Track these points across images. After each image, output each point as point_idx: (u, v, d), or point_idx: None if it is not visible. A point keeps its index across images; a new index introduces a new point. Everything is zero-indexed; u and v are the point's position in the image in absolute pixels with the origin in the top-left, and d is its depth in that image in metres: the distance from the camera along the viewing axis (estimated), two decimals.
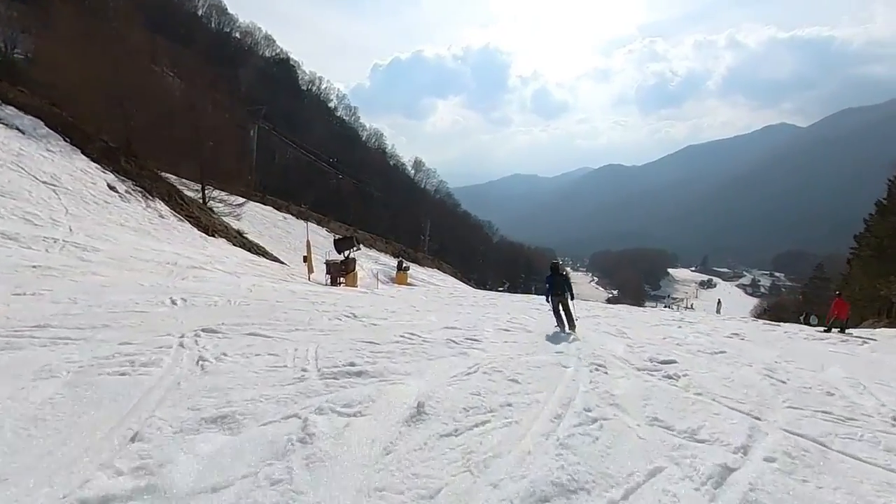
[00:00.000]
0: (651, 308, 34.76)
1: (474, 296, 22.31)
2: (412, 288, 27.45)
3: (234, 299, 9.85)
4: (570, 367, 6.34)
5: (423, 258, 43.68)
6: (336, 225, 37.16)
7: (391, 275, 30.10)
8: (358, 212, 65.28)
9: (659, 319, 15.02)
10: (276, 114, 77.03)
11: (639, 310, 22.30)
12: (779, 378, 6.78)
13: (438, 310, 12.89)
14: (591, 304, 22.46)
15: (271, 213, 31.85)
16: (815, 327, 23.50)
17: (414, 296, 19.96)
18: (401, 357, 6.08)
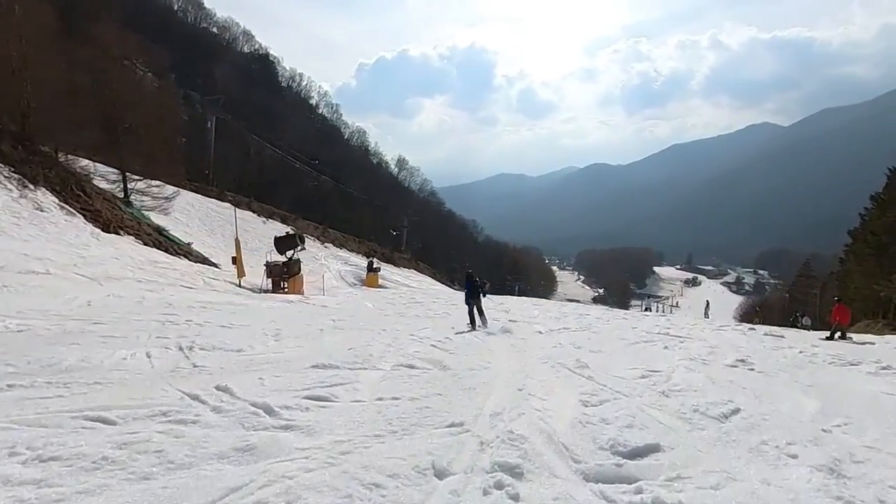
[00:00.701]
0: (636, 309, 33.18)
1: (437, 300, 20.67)
2: (380, 290, 25.66)
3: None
4: (449, 486, 3.28)
5: (398, 258, 41.88)
6: (305, 224, 35.10)
7: (362, 276, 28.36)
8: (338, 211, 63.40)
9: (640, 332, 12.94)
10: (254, 110, 74.95)
11: (620, 314, 20.94)
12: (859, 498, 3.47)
13: (358, 326, 10.86)
14: (568, 309, 20.78)
15: (228, 209, 29.20)
16: (809, 330, 22.51)
17: (360, 302, 18.38)
18: None
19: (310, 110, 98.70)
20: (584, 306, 28.27)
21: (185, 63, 74.38)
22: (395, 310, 16.26)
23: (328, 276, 25.17)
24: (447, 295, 24.63)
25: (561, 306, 23.10)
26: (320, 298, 19.09)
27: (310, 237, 30.46)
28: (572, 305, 24.30)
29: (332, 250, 31.55)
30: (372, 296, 21.83)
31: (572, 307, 23.06)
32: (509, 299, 25.96)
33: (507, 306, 19.62)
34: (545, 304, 24.12)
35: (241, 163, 52.71)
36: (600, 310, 25.45)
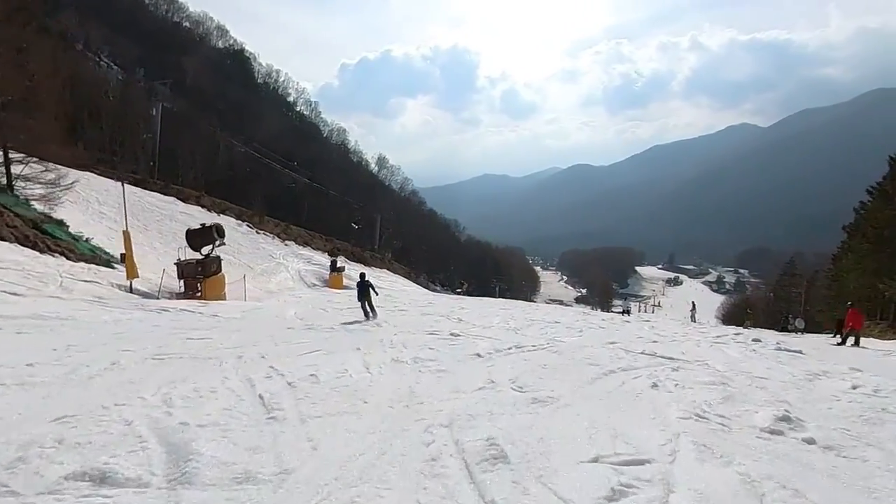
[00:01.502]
0: (619, 309, 31.73)
1: (396, 301, 19.00)
2: (341, 292, 23.48)
3: None
4: None
5: (371, 258, 39.90)
6: (266, 221, 32.68)
7: (326, 276, 26.35)
8: (313, 210, 61.27)
9: (618, 350, 9.91)
10: (227, 106, 72.57)
11: (598, 319, 18.89)
12: None
13: (198, 354, 7.61)
14: (540, 314, 18.70)
15: (171, 203, 26.61)
16: (802, 333, 21.33)
17: (287, 309, 15.64)
18: None
19: (287, 108, 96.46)
20: (562, 309, 26.28)
21: (155, 57, 71.87)
22: (323, 318, 13.76)
23: (285, 277, 23.04)
24: (416, 297, 22.60)
25: (533, 310, 21.03)
26: (232, 305, 15.79)
27: (268, 234, 28.41)
28: (547, 309, 22.26)
29: (293, 249, 29.37)
30: (319, 299, 19.48)
31: (544, 312, 20.65)
32: (482, 301, 24.17)
33: (466, 310, 17.85)
34: (515, 308, 21.30)
35: (210, 159, 50.31)
36: (577, 313, 23.21)
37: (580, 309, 26.49)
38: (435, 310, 17.48)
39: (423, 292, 31.28)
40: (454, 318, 14.90)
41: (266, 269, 23.00)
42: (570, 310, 23.79)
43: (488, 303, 23.09)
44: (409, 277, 41.99)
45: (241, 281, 19.02)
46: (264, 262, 24.20)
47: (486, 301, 24.54)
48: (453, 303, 20.68)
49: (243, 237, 26.50)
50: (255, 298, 19.08)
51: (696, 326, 21.65)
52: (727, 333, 16.32)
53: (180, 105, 63.60)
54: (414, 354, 8.48)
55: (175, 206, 25.42)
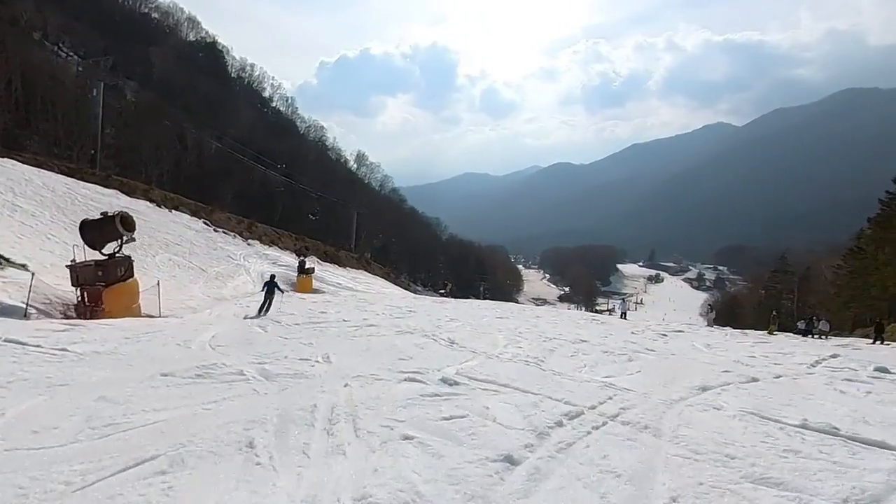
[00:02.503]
0: (614, 306, 29.55)
1: (367, 314, 15.45)
2: (306, 297, 20.96)
3: None
4: None
5: (346, 257, 37.55)
6: (223, 216, 29.42)
7: (293, 279, 23.96)
8: (288, 207, 58.67)
9: (757, 427, 5.63)
10: (198, 99, 69.38)
11: (625, 332, 15.49)
12: None
13: None
14: (550, 326, 15.26)
15: (111, 197, 23.47)
16: (827, 336, 19.72)
17: (201, 329, 11.18)
18: None
19: (262, 103, 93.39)
20: (560, 313, 23.70)
21: (120, 48, 68.31)
22: (247, 349, 8.97)
23: (244, 281, 20.58)
24: (394, 301, 20.27)
25: (534, 317, 18.26)
26: (125, 325, 10.80)
27: (228, 233, 25.85)
28: (548, 316, 19.26)
29: (257, 248, 26.87)
30: (271, 308, 15.55)
31: (549, 321, 17.17)
32: (470, 305, 21.96)
33: (456, 323, 14.58)
34: (511, 314, 18.50)
35: (177, 154, 47.45)
36: (589, 321, 19.42)
37: (584, 315, 23.88)
38: (416, 323, 13.60)
39: (403, 295, 29.03)
40: (443, 338, 11.23)
41: (222, 272, 20.51)
42: (573, 316, 21.63)
43: (477, 307, 20.60)
44: (388, 278, 39.82)
45: (159, 288, 15.11)
46: (221, 263, 21.67)
47: (474, 305, 22.13)
48: (438, 309, 18.16)
49: (198, 236, 23.80)
50: (185, 310, 15.76)
51: (712, 331, 19.75)
52: (819, 356, 12.47)
53: (147, 98, 60.46)
54: (371, 464, 3.97)
55: (116, 200, 22.30)
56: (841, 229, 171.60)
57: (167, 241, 21.20)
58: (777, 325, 20.27)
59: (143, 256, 18.42)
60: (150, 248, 19.72)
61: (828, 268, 40.81)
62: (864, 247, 31.20)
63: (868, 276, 28.43)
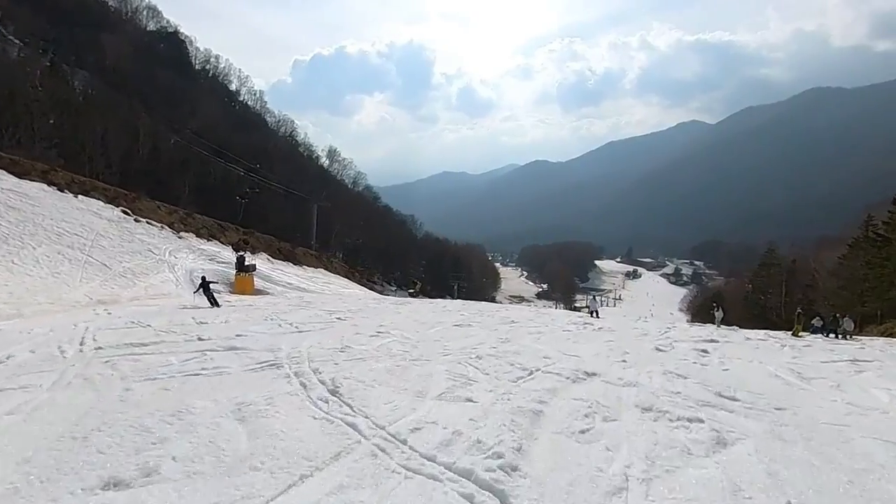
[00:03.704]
0: (604, 301, 27.04)
1: (289, 328, 11.14)
2: (248, 300, 18.32)
3: None
4: None
5: (304, 255, 34.58)
6: (151, 205, 25.75)
7: (231, 278, 21.00)
8: (254, 204, 55.30)
9: None
10: (155, 90, 65.52)
11: (560, 330, 13.11)
12: None
13: None
14: (533, 340, 11.27)
15: (27, 188, 19.93)
16: (850, 336, 17.80)
17: None
18: None
19: (229, 96, 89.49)
20: (542, 314, 19.55)
21: (71, 35, 64.04)
22: None
23: (164, 280, 17.57)
24: (347, 305, 17.00)
25: (516, 327, 13.43)
26: None
27: (154, 224, 22.71)
28: (532, 323, 14.10)
29: (189, 242, 23.71)
30: (165, 321, 11.66)
31: (534, 331, 12.84)
32: (440, 307, 19.11)
33: (417, 344, 9.77)
34: (490, 320, 14.71)
35: (128, 145, 43.89)
36: (536, 318, 16.24)
37: (570, 317, 19.86)
38: (355, 347, 9.08)
39: (363, 296, 26.26)
40: (327, 378, 6.72)
41: (134, 269, 17.58)
42: (557, 318, 17.22)
43: (441, 309, 17.03)
44: (352, 277, 37.04)
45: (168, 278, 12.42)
46: (136, 258, 18.65)
47: (438, 307, 18.69)
48: (384, 314, 14.81)
49: (109, 226, 20.51)
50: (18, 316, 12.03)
51: (723, 330, 17.20)
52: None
53: (97, 87, 56.54)
54: None
55: (26, 186, 19.16)
56: (809, 224, 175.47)
57: (61, 230, 18.02)
58: (803, 324, 18.23)
59: (19, 248, 15.53)
60: (34, 238, 16.71)
61: (816, 261, 39.73)
62: (889, 234, 29.05)
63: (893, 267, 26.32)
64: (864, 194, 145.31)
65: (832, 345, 15.49)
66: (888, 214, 29.11)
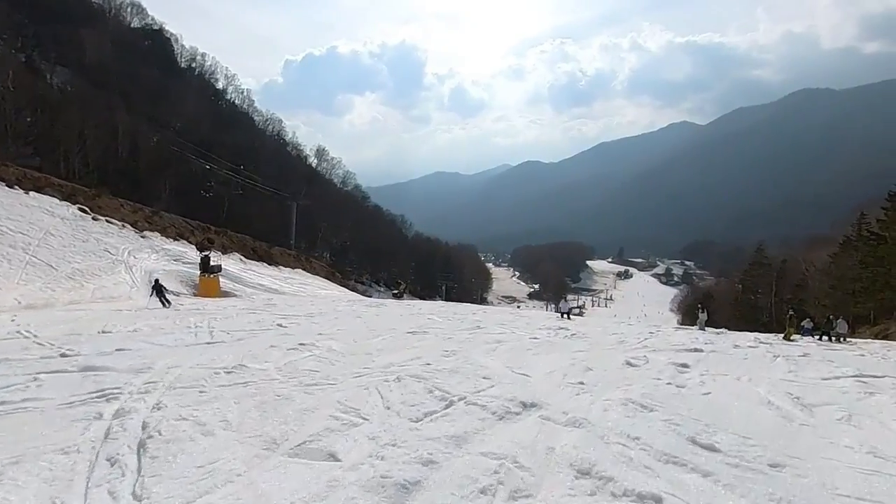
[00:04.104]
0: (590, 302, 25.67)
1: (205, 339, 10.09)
2: (208, 303, 17.15)
3: None
4: None
5: (281, 255, 33.52)
6: (113, 203, 24.42)
7: (196, 279, 19.97)
8: (238, 204, 54.29)
9: None
10: (139, 88, 64.19)
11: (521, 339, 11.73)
12: None
13: None
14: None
15: None
16: (844, 339, 17.00)
17: None
18: None
19: (216, 95, 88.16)
20: (502, 316, 17.56)
21: (51, 31, 62.61)
22: None
23: (118, 282, 16.61)
24: (301, 310, 15.60)
25: (525, 348, 10.99)
26: None
27: (115, 223, 21.66)
28: (526, 339, 12.09)
29: (153, 242, 22.65)
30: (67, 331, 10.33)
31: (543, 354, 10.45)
32: (412, 309, 18.11)
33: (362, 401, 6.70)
34: (473, 332, 13.01)
35: (106, 144, 42.71)
36: (515, 322, 15.79)
37: (552, 320, 18.09)
38: (252, 366, 7.83)
39: (339, 297, 25.38)
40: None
41: (85, 270, 16.53)
42: (534, 319, 16.00)
43: (417, 312, 16.08)
44: (331, 278, 36.04)
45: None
46: (89, 259, 17.64)
47: (420, 310, 17.93)
48: (350, 321, 13.61)
49: (62, 224, 19.44)
50: None
51: (707, 335, 16.45)
52: None
53: (77, 84, 55.21)
54: None
55: None
56: (798, 223, 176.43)
57: (4, 229, 16.90)
58: (795, 326, 17.48)
59: None
60: None
61: (805, 260, 39.32)
62: (883, 232, 28.46)
63: (891, 265, 25.52)
64: (853, 194, 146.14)
65: (829, 351, 14.20)
66: (883, 212, 28.60)
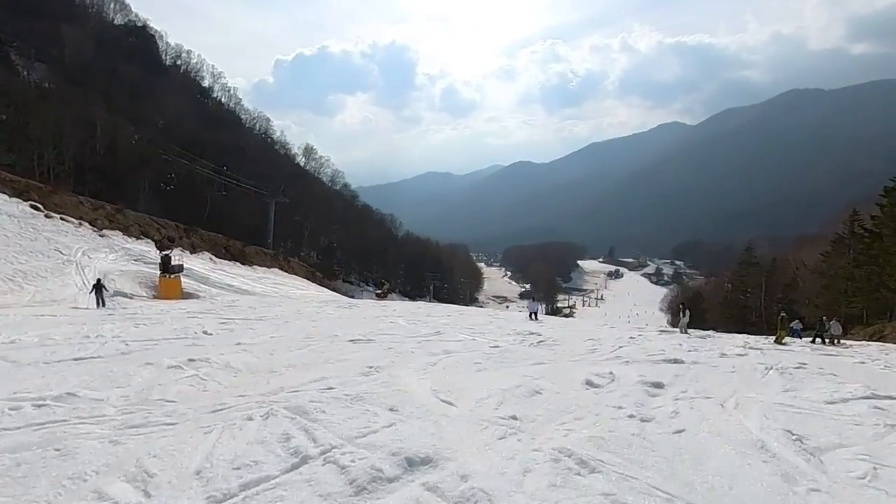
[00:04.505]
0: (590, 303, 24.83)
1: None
2: (164, 306, 15.64)
3: None
4: None
5: (257, 254, 32.53)
6: (71, 200, 23.14)
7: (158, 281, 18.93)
8: (222, 203, 53.19)
9: None
10: (121, 85, 62.87)
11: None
12: None
13: None
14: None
15: None
16: (839, 342, 16.31)
17: None
18: None
19: (202, 93, 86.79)
20: (468, 317, 15.62)
21: (30, 27, 61.12)
22: None
23: (64, 285, 15.63)
24: (275, 311, 14.17)
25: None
26: None
27: (71, 220, 20.62)
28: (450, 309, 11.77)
29: (113, 241, 21.58)
30: None
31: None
32: (385, 308, 16.83)
33: None
34: None
35: (83, 141, 41.47)
36: (470, 327, 14.15)
37: (529, 325, 16.26)
38: (53, 407, 5.36)
39: (314, 298, 24.35)
40: None
41: (28, 271, 15.52)
42: (509, 321, 14.18)
43: (382, 318, 14.46)
44: (311, 278, 35.07)
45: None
46: (36, 259, 16.68)
47: (395, 310, 16.54)
48: (291, 328, 11.97)
49: (11, 222, 18.50)
50: None
51: (690, 337, 15.53)
52: None
53: (56, 80, 53.92)
54: None
55: None
56: (786, 223, 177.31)
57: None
58: (787, 328, 16.63)
59: None
60: None
61: (795, 260, 38.95)
62: (877, 229, 27.78)
63: (886, 263, 24.82)
64: (842, 193, 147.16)
65: (826, 358, 12.62)
66: (878, 208, 28.07)
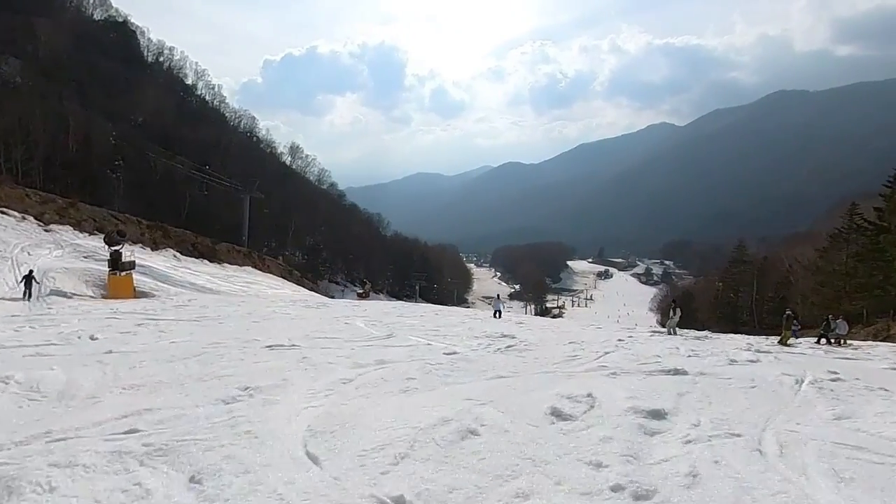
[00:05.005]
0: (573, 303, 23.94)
1: None
2: (109, 306, 14.08)
3: None
4: None
5: (229, 252, 31.16)
6: (15, 192, 21.43)
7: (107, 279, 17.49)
8: (201, 202, 51.68)
9: None
10: (99, 81, 61.14)
11: None
12: None
13: None
14: None
15: None
16: (844, 342, 15.34)
17: None
18: None
19: (185, 90, 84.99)
20: (443, 318, 14.01)
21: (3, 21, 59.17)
22: None
23: None
24: (230, 311, 12.79)
25: None
26: None
27: (13, 214, 19.25)
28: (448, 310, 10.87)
29: (61, 237, 20.11)
30: None
31: None
32: (352, 308, 15.45)
33: None
34: None
35: (54, 136, 39.87)
36: (436, 330, 12.47)
37: (510, 325, 14.80)
38: None
39: (286, 298, 22.88)
40: None
41: None
42: (482, 322, 12.70)
43: (340, 318, 13.07)
44: (287, 276, 33.79)
45: None
46: None
47: (366, 310, 14.87)
48: (235, 328, 10.93)
49: None
50: None
51: (680, 339, 14.43)
52: None
53: (29, 75, 52.07)
54: None
55: None
56: (774, 222, 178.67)
57: None
58: (792, 330, 15.70)
59: None
60: None
61: (788, 257, 38.42)
62: (882, 221, 26.68)
63: (894, 257, 23.78)
64: (828, 192, 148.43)
65: (848, 362, 10.84)
66: (882, 199, 27.07)
